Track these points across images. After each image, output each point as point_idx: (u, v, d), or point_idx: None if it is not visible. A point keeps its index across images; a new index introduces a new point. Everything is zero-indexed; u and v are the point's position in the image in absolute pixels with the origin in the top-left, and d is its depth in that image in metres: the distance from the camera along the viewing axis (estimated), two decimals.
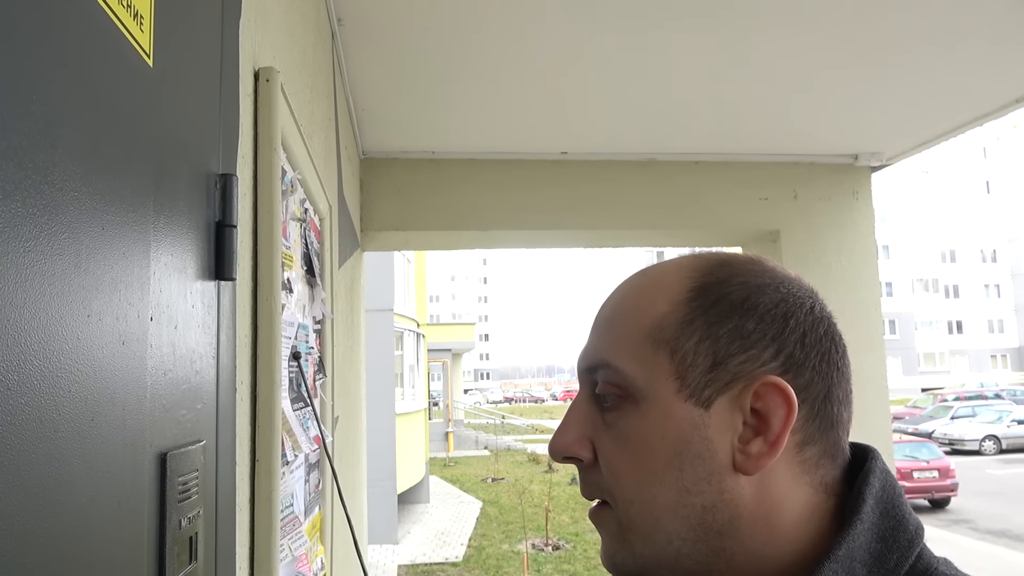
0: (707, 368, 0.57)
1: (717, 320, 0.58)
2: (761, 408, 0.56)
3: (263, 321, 1.09)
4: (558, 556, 10.61)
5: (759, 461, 0.56)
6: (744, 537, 0.56)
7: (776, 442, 0.55)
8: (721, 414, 0.57)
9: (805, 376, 0.57)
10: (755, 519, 0.56)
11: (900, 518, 0.55)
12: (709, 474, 0.56)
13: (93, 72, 0.55)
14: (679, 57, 2.48)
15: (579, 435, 0.63)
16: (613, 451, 0.60)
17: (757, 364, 0.57)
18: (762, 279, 0.60)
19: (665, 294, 0.61)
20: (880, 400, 3.46)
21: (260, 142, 1.12)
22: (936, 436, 21.05)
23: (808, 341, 0.58)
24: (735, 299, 0.59)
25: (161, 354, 0.68)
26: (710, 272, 0.61)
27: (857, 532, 0.53)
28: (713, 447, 0.56)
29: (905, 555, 0.54)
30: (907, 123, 3.19)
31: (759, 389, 0.56)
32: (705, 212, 3.53)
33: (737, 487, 0.56)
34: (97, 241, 0.55)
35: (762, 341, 0.57)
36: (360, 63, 2.49)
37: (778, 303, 0.59)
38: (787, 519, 0.57)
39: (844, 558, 0.52)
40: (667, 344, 0.59)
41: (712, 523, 0.56)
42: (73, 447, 0.51)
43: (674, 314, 0.59)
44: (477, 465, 19.82)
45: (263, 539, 1.06)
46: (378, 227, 3.38)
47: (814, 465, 0.58)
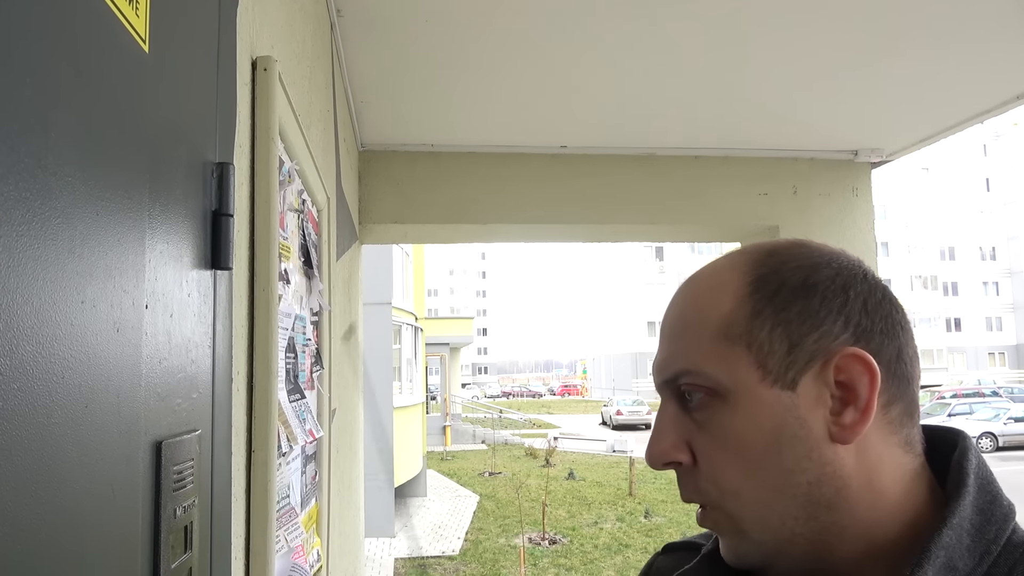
0: (785, 352, 0.60)
1: (784, 306, 0.61)
2: (845, 379, 0.59)
3: (260, 311, 1.08)
4: (555, 550, 10.63)
5: (854, 429, 0.58)
6: (852, 507, 0.59)
7: (867, 408, 0.58)
8: (808, 392, 0.59)
9: (875, 341, 0.60)
10: (860, 486, 0.59)
11: (995, 494, 0.59)
12: (809, 451, 0.59)
13: (88, 57, 0.55)
14: (680, 51, 2.48)
15: (675, 440, 0.64)
16: (712, 448, 0.62)
17: (831, 339, 0.59)
18: (812, 259, 0.63)
19: (726, 292, 0.63)
20: None
21: (257, 131, 1.11)
22: None
23: (870, 307, 0.61)
24: (794, 282, 0.61)
25: (156, 342, 0.68)
26: (762, 263, 0.64)
27: (965, 504, 0.57)
28: (807, 424, 0.59)
29: (1003, 528, 0.57)
30: (907, 119, 3.19)
31: (839, 362, 0.59)
32: (704, 207, 3.53)
33: (837, 458, 0.59)
34: (91, 227, 0.55)
35: (830, 316, 0.60)
36: (359, 55, 2.48)
37: (834, 278, 0.61)
38: (887, 482, 0.59)
39: (956, 526, 0.55)
40: (741, 338, 0.61)
41: (820, 497, 0.59)
42: (66, 434, 0.50)
43: (740, 309, 0.62)
44: (474, 459, 19.84)
45: (259, 530, 1.05)
46: (376, 220, 3.37)
47: (899, 424, 0.61)
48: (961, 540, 0.55)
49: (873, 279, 0.63)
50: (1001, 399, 25.93)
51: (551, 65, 2.57)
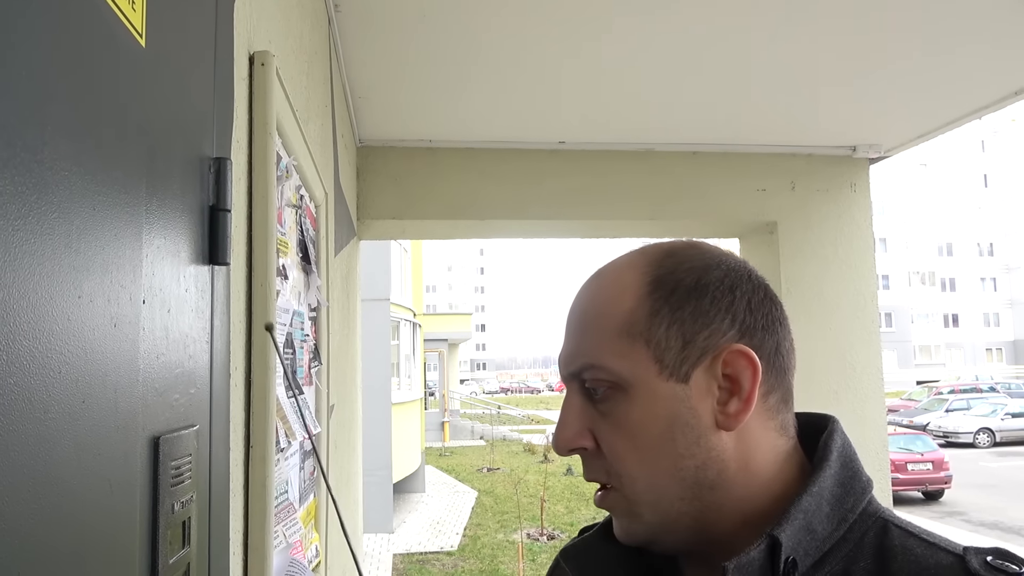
0: (679, 348, 0.66)
1: (679, 305, 0.66)
2: (731, 372, 0.65)
3: (257, 307, 1.08)
4: (553, 546, 10.65)
5: (738, 417, 0.65)
6: (730, 486, 0.65)
7: (749, 398, 0.65)
8: (699, 384, 0.65)
9: (758, 336, 0.67)
10: (738, 468, 0.65)
11: (856, 470, 0.67)
12: (698, 437, 0.65)
13: (84, 51, 0.55)
14: (678, 47, 2.47)
15: (579, 428, 0.69)
16: (613, 436, 0.67)
17: (719, 335, 0.66)
18: (704, 260, 0.69)
19: (627, 291, 0.68)
20: (876, 392, 3.47)
21: (255, 127, 1.11)
22: (931, 429, 21.14)
23: (753, 305, 0.67)
24: (688, 284, 0.67)
25: (154, 337, 0.68)
26: (660, 264, 0.69)
27: (826, 475, 0.64)
28: (698, 413, 0.65)
29: (859, 499, 0.65)
30: (905, 115, 3.19)
31: (726, 357, 0.65)
32: (702, 203, 3.53)
33: (721, 443, 0.65)
34: (88, 222, 0.55)
35: (719, 315, 0.66)
36: (357, 50, 2.47)
37: (723, 279, 0.67)
38: (761, 463, 0.66)
39: (816, 494, 0.63)
40: (641, 335, 0.66)
41: (704, 479, 0.65)
42: (64, 429, 0.50)
43: (640, 308, 0.67)
44: (473, 455, 19.86)
45: (257, 525, 1.05)
46: (375, 216, 3.37)
47: (776, 410, 0.68)
48: (820, 507, 0.62)
49: (756, 279, 0.69)
50: (998, 395, 25.98)
51: (549, 60, 2.56)
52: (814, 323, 3.41)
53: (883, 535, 0.62)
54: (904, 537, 0.62)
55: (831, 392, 3.40)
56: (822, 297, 3.44)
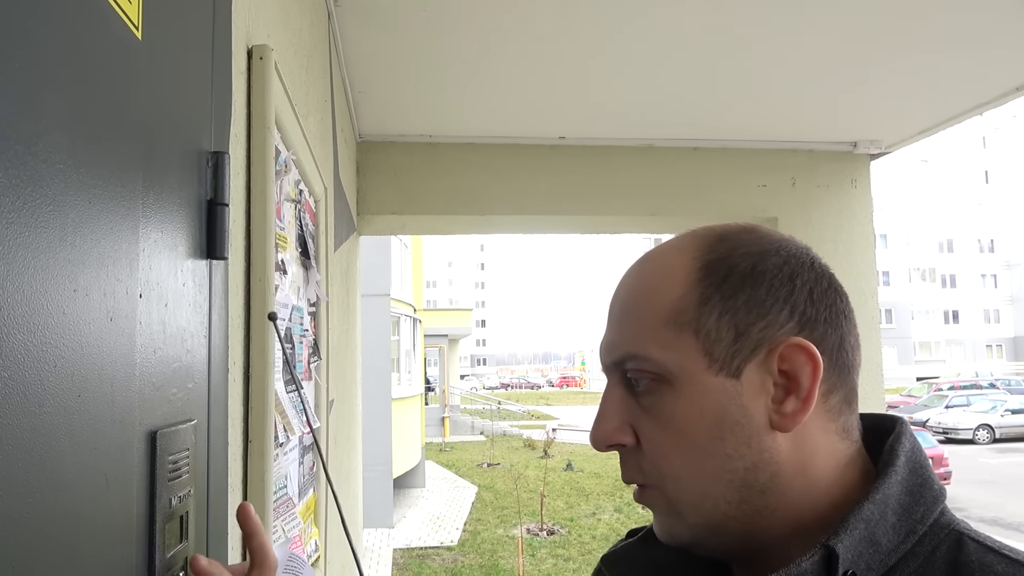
0: (731, 340, 0.60)
1: (731, 294, 0.61)
2: (788, 368, 0.59)
3: (256, 301, 1.08)
4: (552, 541, 10.67)
5: (795, 418, 0.59)
6: (784, 491, 0.60)
7: (808, 398, 0.59)
8: (752, 380, 0.60)
9: (819, 329, 0.61)
10: (793, 472, 0.60)
11: (926, 477, 0.60)
12: (749, 437, 0.60)
13: (80, 43, 0.54)
14: (678, 42, 2.46)
15: (619, 422, 0.65)
16: (656, 432, 0.63)
17: (776, 327, 0.60)
18: (761, 246, 0.63)
19: (675, 278, 0.63)
20: (875, 388, 3.47)
21: (253, 121, 1.11)
22: (930, 425, 21.16)
23: (815, 296, 0.61)
24: (743, 270, 0.61)
25: (151, 331, 0.68)
26: (712, 248, 0.63)
27: (892, 482, 0.58)
28: (749, 412, 0.60)
29: (931, 509, 0.58)
30: (906, 111, 3.18)
31: (783, 351, 0.59)
32: (703, 198, 3.52)
33: (775, 445, 0.60)
34: (84, 215, 0.54)
35: (776, 305, 0.60)
36: (356, 45, 2.46)
37: (782, 266, 0.62)
38: (820, 467, 0.61)
39: (880, 502, 0.56)
40: (689, 325, 0.61)
41: (755, 483, 0.60)
42: (59, 423, 0.50)
43: (689, 296, 0.62)
44: (473, 450, 19.88)
45: None
46: (375, 211, 3.37)
47: (838, 412, 0.62)
48: (885, 517, 0.56)
49: (820, 267, 0.64)
50: (999, 391, 25.98)
51: (550, 55, 2.56)
52: None
53: (957, 549, 0.56)
54: (982, 552, 0.56)
55: None
56: None
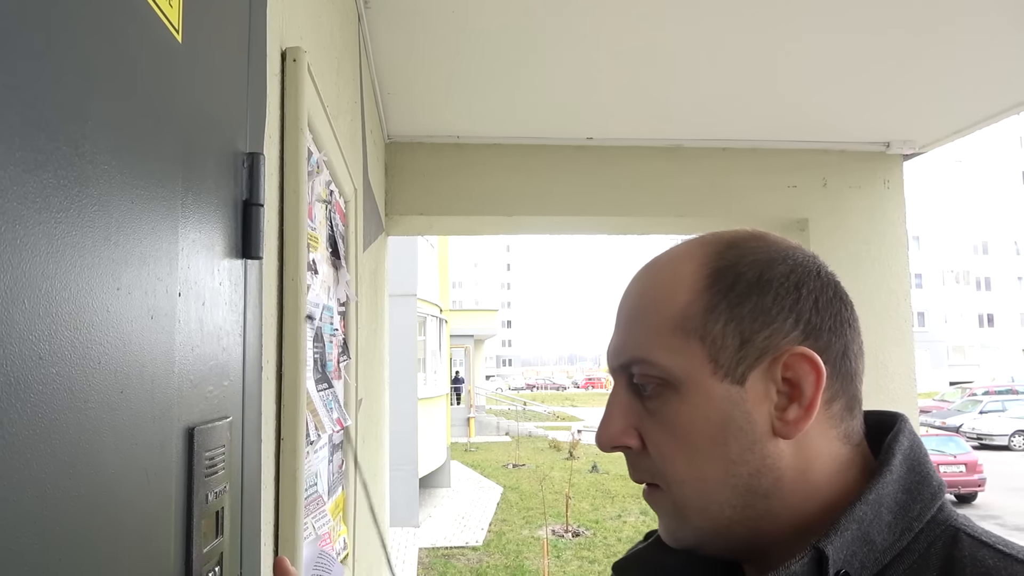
0: (736, 348, 0.61)
1: (738, 302, 0.62)
2: (792, 376, 0.61)
3: (288, 301, 1.09)
4: (578, 543, 10.64)
5: (797, 425, 0.60)
6: (787, 495, 0.61)
7: (810, 406, 0.60)
8: (756, 387, 0.61)
9: (824, 338, 0.62)
10: (795, 477, 0.61)
11: (925, 474, 0.61)
12: (752, 443, 0.61)
13: (123, 46, 0.56)
14: (707, 42, 2.45)
15: (625, 425, 0.66)
16: (661, 436, 0.64)
17: (781, 336, 0.61)
18: (769, 253, 0.64)
19: (683, 284, 0.64)
20: (908, 392, 3.41)
21: (287, 122, 1.12)
22: (964, 430, 20.75)
23: (821, 305, 0.63)
24: (750, 278, 0.63)
25: (189, 329, 0.69)
26: (720, 256, 0.65)
27: (887, 481, 0.59)
28: (753, 419, 0.61)
29: (928, 506, 0.59)
30: (941, 110, 3.12)
31: (788, 360, 0.61)
32: (732, 199, 3.49)
33: (778, 451, 0.61)
34: (127, 215, 0.56)
35: (781, 314, 0.62)
36: (386, 46, 2.48)
37: (788, 274, 0.63)
38: (821, 472, 0.62)
39: (873, 502, 0.57)
40: (696, 331, 0.62)
41: (758, 488, 0.61)
42: (103, 418, 0.51)
43: (697, 302, 0.63)
44: (498, 451, 19.90)
45: (287, 517, 1.07)
46: (402, 211, 3.39)
47: (839, 419, 0.63)
48: (880, 516, 0.57)
49: (826, 276, 0.65)
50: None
51: (577, 56, 2.55)
52: None
53: (952, 545, 0.57)
54: (976, 547, 0.56)
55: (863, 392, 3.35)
56: (854, 295, 3.31)
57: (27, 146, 0.42)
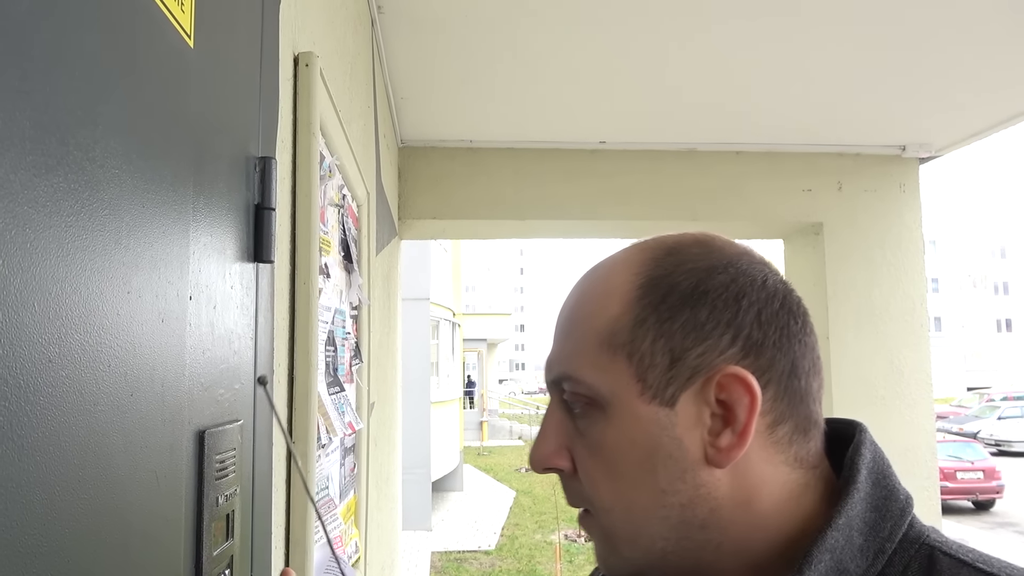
0: (666, 367, 0.56)
1: (669, 315, 0.56)
2: (726, 399, 0.55)
3: (300, 304, 1.10)
4: (590, 547, 10.58)
5: (730, 453, 0.55)
6: (726, 526, 0.56)
7: (744, 432, 0.54)
8: (687, 410, 0.56)
9: (767, 355, 0.56)
10: (734, 507, 0.56)
11: (891, 488, 0.56)
12: (683, 472, 0.55)
13: (135, 51, 0.56)
14: (720, 45, 2.44)
15: (557, 446, 0.61)
16: (588, 460, 0.59)
17: (715, 354, 0.55)
18: (710, 260, 0.58)
19: (614, 295, 0.59)
20: (924, 398, 3.38)
21: (299, 126, 1.13)
22: (982, 436, 20.52)
23: (764, 318, 0.56)
24: (684, 289, 0.57)
25: (200, 333, 0.69)
26: (657, 264, 0.59)
27: (854, 501, 0.54)
28: (683, 445, 0.55)
29: (898, 524, 0.54)
30: (957, 113, 3.09)
31: (721, 380, 0.55)
32: (746, 203, 3.47)
33: (712, 480, 0.55)
34: (138, 219, 0.56)
35: (717, 329, 0.55)
36: (399, 51, 2.49)
37: (728, 284, 0.56)
38: (767, 501, 0.56)
39: (843, 527, 0.53)
40: (623, 348, 0.57)
41: (692, 519, 0.56)
42: (112, 421, 0.51)
43: (625, 316, 0.58)
44: (511, 455, 19.88)
45: (298, 520, 1.07)
46: (415, 215, 3.39)
47: (787, 443, 0.57)
48: (852, 540, 0.53)
49: (773, 286, 0.58)
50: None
51: (590, 60, 2.55)
52: (861, 327, 3.33)
53: (929, 568, 0.52)
54: (955, 568, 0.52)
55: (879, 397, 3.32)
56: (870, 300, 3.37)
57: (38, 150, 0.43)
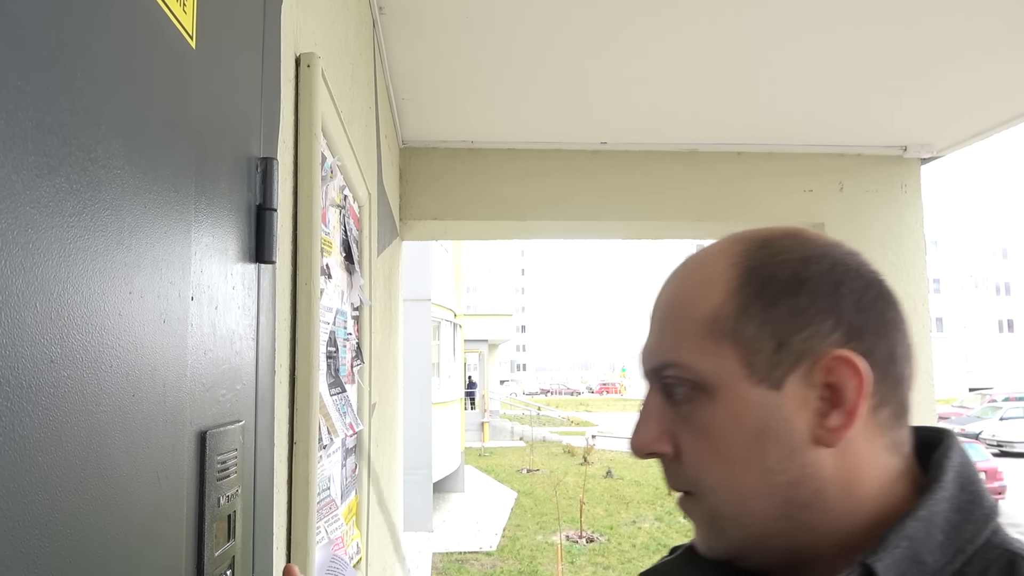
0: (772, 351, 0.58)
1: (771, 302, 0.59)
2: (833, 381, 0.57)
3: (302, 305, 1.10)
4: (592, 549, 10.60)
5: (839, 433, 0.57)
6: (829, 507, 0.58)
7: (853, 412, 0.57)
8: (794, 392, 0.58)
9: (867, 341, 0.58)
10: (838, 488, 0.58)
11: (977, 494, 0.57)
12: (791, 451, 0.58)
13: (137, 51, 0.56)
14: (722, 45, 2.44)
15: (659, 431, 0.64)
16: (694, 443, 0.62)
17: (819, 338, 0.58)
18: (804, 252, 0.61)
19: (715, 284, 0.62)
20: (926, 398, 3.38)
21: (300, 127, 1.13)
22: (984, 437, 20.48)
23: (863, 305, 0.59)
24: (784, 277, 0.60)
25: (201, 333, 0.69)
26: (752, 254, 0.62)
27: (938, 498, 0.55)
28: (791, 426, 0.58)
29: (981, 528, 0.55)
30: (959, 113, 3.09)
31: (828, 363, 0.57)
32: (747, 204, 3.47)
33: (818, 460, 0.58)
34: (139, 219, 0.56)
35: (819, 315, 0.58)
36: (400, 52, 2.49)
37: (826, 273, 0.59)
38: (867, 483, 0.58)
39: (924, 519, 0.54)
40: (728, 334, 0.60)
41: (796, 498, 0.58)
42: (114, 421, 0.51)
43: (728, 304, 0.60)
44: (512, 456, 19.87)
45: (300, 521, 1.07)
46: (416, 216, 3.39)
47: (887, 427, 0.59)
48: (932, 535, 0.54)
49: (868, 274, 0.61)
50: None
51: (591, 61, 2.55)
52: None
53: (1009, 572, 0.53)
54: None
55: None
56: None
57: (40, 151, 0.43)
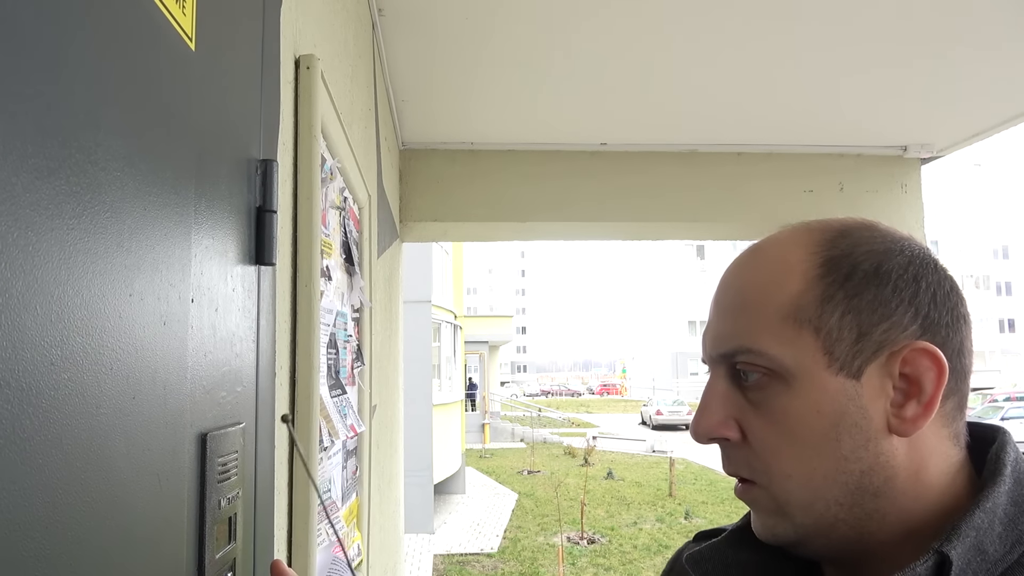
0: (853, 340, 0.59)
1: (856, 292, 0.60)
2: (911, 372, 0.58)
3: (302, 307, 1.10)
4: (593, 550, 10.59)
5: (916, 423, 0.58)
6: (897, 496, 0.59)
7: (930, 403, 0.58)
8: (872, 382, 0.59)
9: (941, 334, 0.60)
10: (907, 476, 0.59)
11: None
12: (867, 440, 0.59)
13: (136, 54, 0.56)
14: (721, 46, 2.44)
15: (724, 416, 0.64)
16: (766, 429, 0.62)
17: (899, 330, 0.59)
18: (885, 244, 0.62)
19: (794, 272, 0.62)
20: None
21: (300, 129, 1.13)
22: None
23: (939, 299, 0.60)
24: (867, 269, 0.60)
25: (202, 336, 0.69)
26: (833, 244, 0.63)
27: (1000, 492, 0.57)
28: (868, 414, 0.59)
29: None
30: (959, 113, 3.09)
31: (907, 355, 0.58)
32: (747, 205, 3.47)
33: (891, 449, 0.59)
34: (139, 222, 0.56)
35: (901, 307, 0.59)
36: (400, 54, 2.49)
37: (906, 266, 0.60)
38: (933, 473, 0.60)
39: (989, 511, 0.55)
40: (810, 322, 0.60)
41: (868, 486, 0.59)
42: (114, 423, 0.51)
43: (810, 292, 0.61)
44: (513, 457, 19.87)
45: (301, 523, 1.07)
46: (417, 218, 3.39)
47: (952, 417, 0.61)
48: (993, 526, 0.55)
49: (942, 269, 0.62)
50: None
51: (591, 62, 2.55)
52: None
53: None
54: None
55: None
56: None
57: (40, 153, 0.43)
